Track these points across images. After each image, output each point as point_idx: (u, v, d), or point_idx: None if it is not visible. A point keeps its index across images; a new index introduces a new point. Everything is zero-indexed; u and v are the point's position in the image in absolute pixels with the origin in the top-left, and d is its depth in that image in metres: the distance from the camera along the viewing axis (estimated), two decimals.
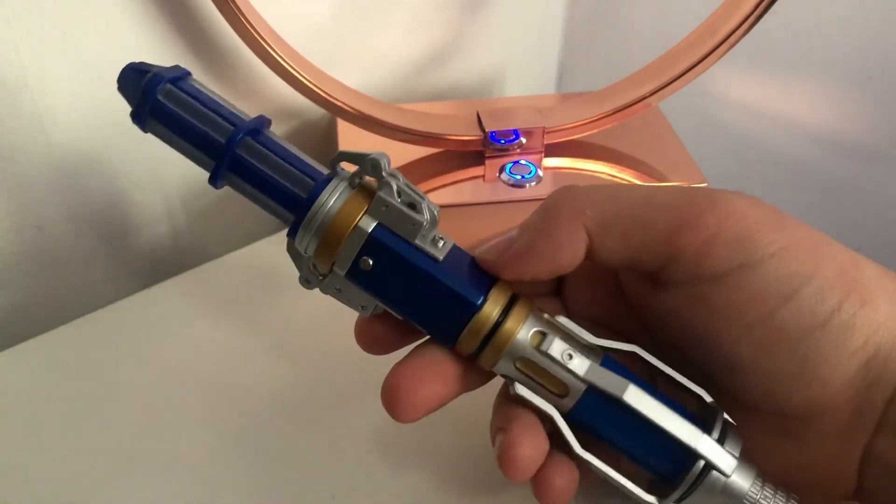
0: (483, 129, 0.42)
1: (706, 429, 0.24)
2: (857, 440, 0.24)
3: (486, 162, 0.42)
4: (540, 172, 0.41)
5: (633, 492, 0.24)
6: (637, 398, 0.23)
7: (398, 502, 0.29)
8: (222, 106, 0.25)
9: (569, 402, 0.24)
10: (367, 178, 0.24)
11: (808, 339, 0.22)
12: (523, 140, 0.42)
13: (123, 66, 0.25)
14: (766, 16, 0.37)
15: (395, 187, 0.23)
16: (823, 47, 0.46)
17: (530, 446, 0.24)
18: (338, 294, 0.24)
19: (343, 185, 0.24)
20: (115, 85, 0.38)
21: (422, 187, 0.41)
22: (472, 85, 0.54)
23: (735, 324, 0.23)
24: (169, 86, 0.24)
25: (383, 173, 0.23)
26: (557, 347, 0.24)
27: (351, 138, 0.43)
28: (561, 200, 0.24)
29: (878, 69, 0.44)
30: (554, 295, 0.28)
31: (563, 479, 0.24)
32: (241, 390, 0.33)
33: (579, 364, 0.24)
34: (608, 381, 0.24)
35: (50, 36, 0.35)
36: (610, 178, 0.42)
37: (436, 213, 0.24)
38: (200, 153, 0.24)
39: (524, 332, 0.24)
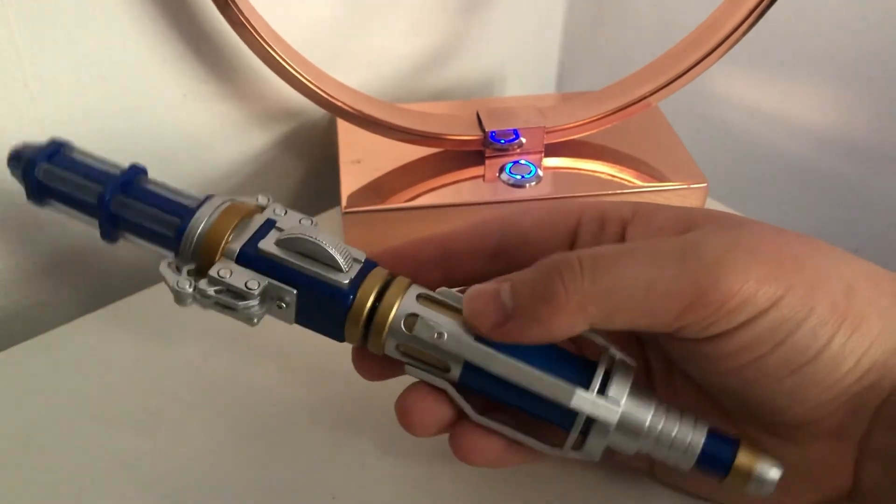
0: (483, 129, 0.42)
1: (586, 380, 0.24)
2: (850, 438, 0.24)
3: (486, 162, 0.42)
4: (540, 172, 0.41)
5: (535, 446, 0.25)
6: (503, 366, 0.24)
7: (398, 502, 0.29)
8: (94, 169, 0.27)
9: (455, 374, 0.25)
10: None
11: (797, 372, 0.23)
12: (523, 140, 0.42)
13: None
14: (767, 15, 0.37)
15: (212, 293, 0.25)
16: (823, 47, 0.46)
17: (421, 404, 0.25)
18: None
19: (217, 202, 0.26)
20: (115, 85, 0.38)
21: (422, 187, 0.41)
22: (472, 85, 0.54)
23: (722, 367, 0.23)
24: (46, 165, 0.27)
25: (200, 294, 0.25)
26: (426, 330, 0.24)
27: (351, 138, 0.43)
28: (566, 291, 0.22)
29: (878, 69, 0.44)
30: None
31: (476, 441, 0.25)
32: (240, 390, 0.33)
33: (449, 341, 0.24)
34: (475, 353, 0.24)
35: (50, 36, 0.35)
36: (610, 178, 0.42)
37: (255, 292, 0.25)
38: (88, 218, 0.27)
39: (398, 318, 0.24)
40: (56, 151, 0.27)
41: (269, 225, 0.26)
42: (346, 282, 0.24)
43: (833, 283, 0.23)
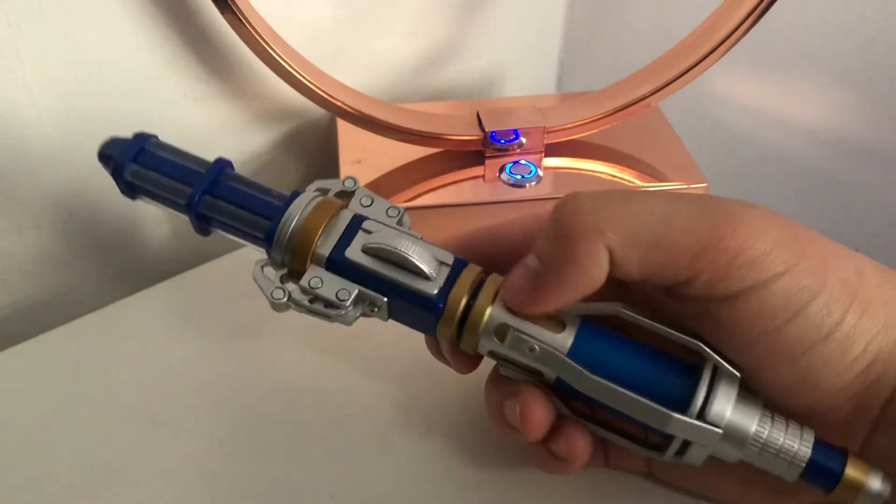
0: (483, 129, 0.42)
1: (688, 391, 0.23)
2: (854, 437, 0.24)
3: (486, 162, 0.42)
4: (540, 172, 0.41)
5: (633, 448, 0.25)
6: (594, 387, 0.24)
7: (397, 502, 0.29)
8: (180, 165, 0.27)
9: (550, 378, 0.25)
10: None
11: (810, 352, 0.23)
12: (523, 140, 0.42)
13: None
14: (766, 16, 0.37)
15: (305, 302, 0.25)
16: (823, 47, 0.46)
17: (539, 408, 0.25)
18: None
19: (305, 201, 0.26)
20: (114, 85, 0.38)
21: (422, 187, 0.41)
22: (472, 85, 0.54)
23: (739, 337, 0.23)
24: (134, 166, 0.27)
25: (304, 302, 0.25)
26: (518, 343, 0.24)
27: (351, 138, 0.43)
28: (577, 219, 0.23)
29: (878, 69, 0.44)
30: None
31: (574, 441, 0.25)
32: (240, 390, 0.33)
33: (541, 355, 0.24)
34: (567, 371, 0.24)
35: (50, 36, 0.35)
36: (610, 178, 0.42)
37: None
38: (179, 213, 0.28)
39: (489, 326, 0.24)
40: (142, 149, 0.27)
41: (356, 224, 0.26)
42: (435, 292, 0.24)
43: (844, 261, 0.23)
